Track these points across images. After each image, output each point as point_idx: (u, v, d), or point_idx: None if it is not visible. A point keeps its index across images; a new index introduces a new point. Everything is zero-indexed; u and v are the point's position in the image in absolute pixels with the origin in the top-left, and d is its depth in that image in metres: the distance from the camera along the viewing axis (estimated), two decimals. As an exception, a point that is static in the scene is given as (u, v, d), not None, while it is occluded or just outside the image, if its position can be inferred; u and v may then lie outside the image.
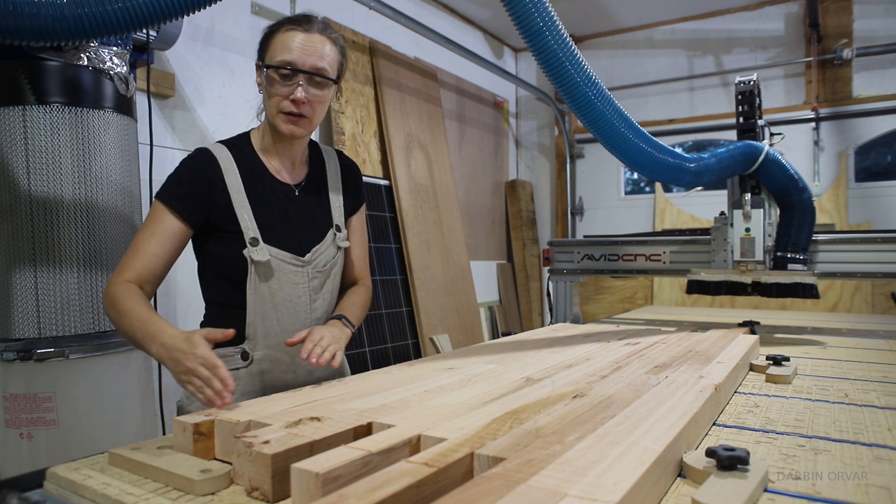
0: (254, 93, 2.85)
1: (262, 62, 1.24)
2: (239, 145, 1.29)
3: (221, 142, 1.30)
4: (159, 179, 2.37)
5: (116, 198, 1.67)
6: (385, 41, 3.74)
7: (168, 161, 2.46)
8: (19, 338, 1.54)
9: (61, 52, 1.56)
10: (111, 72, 1.65)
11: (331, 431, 0.73)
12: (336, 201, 1.38)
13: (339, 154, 1.45)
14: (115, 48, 1.67)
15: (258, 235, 1.23)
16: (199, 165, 1.23)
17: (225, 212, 1.22)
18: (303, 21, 1.23)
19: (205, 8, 1.27)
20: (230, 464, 0.70)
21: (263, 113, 1.31)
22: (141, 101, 2.02)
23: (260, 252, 1.22)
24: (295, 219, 1.30)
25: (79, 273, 1.58)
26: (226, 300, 1.27)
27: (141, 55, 1.92)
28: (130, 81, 1.71)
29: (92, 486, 0.67)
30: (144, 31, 1.81)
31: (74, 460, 0.76)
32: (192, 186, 1.21)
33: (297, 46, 1.20)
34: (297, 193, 1.32)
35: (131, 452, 0.74)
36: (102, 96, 1.64)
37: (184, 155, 2.50)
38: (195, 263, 1.30)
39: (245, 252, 1.21)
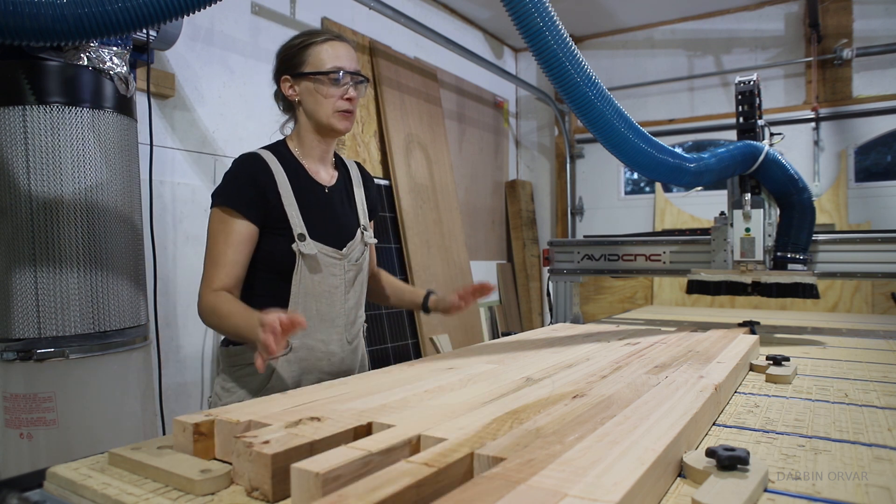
0: (253, 93, 2.86)
1: (306, 72, 1.39)
2: (280, 150, 1.43)
3: (264, 148, 1.43)
4: (159, 179, 2.41)
5: (116, 198, 1.67)
6: (385, 41, 3.74)
7: (168, 161, 2.46)
8: (19, 338, 1.54)
9: (61, 52, 1.56)
10: (111, 72, 1.65)
11: (331, 431, 0.73)
12: (360, 203, 1.54)
13: (359, 164, 1.63)
14: (115, 48, 1.67)
15: (305, 231, 1.37)
16: (255, 169, 1.36)
17: (277, 211, 1.35)
18: (335, 34, 1.45)
19: (205, 8, 1.27)
20: (230, 464, 0.70)
21: (288, 125, 1.49)
22: (141, 101, 2.02)
23: (308, 246, 1.36)
24: (332, 216, 1.44)
25: (79, 273, 1.58)
26: (266, 292, 1.37)
27: (141, 55, 1.92)
28: (130, 81, 1.71)
29: (92, 486, 0.67)
30: (144, 31, 1.81)
31: (74, 460, 0.76)
32: (255, 189, 1.33)
33: (342, 54, 1.40)
34: (328, 192, 1.46)
35: (131, 452, 0.74)
36: (102, 96, 1.64)
37: (184, 155, 2.54)
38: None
39: (294, 247, 1.35)
